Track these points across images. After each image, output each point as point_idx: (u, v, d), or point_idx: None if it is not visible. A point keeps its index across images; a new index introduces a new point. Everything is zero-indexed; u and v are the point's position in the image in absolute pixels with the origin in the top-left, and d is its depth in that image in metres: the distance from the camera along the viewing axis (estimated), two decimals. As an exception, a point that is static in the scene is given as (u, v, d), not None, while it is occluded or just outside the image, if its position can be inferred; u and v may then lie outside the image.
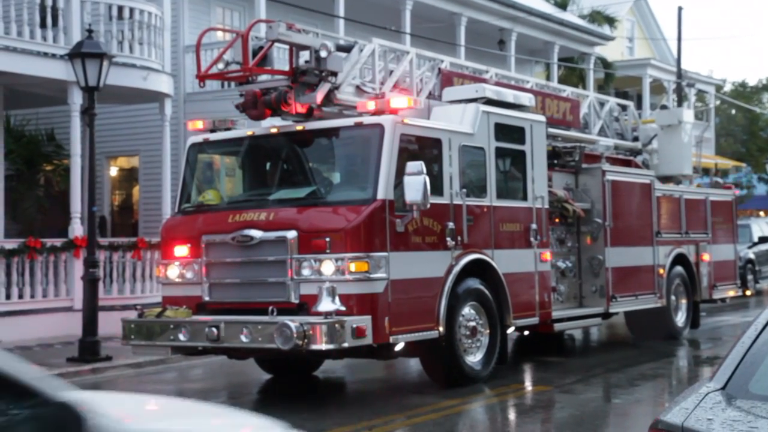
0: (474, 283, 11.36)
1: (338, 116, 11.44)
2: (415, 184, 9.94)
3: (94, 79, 14.24)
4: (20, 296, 16.19)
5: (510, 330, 12.15)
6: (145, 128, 20.95)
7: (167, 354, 12.58)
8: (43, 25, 16.83)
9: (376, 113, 10.70)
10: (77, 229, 16.62)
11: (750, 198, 43.87)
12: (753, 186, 45.65)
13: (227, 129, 11.83)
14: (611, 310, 14.38)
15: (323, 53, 10.89)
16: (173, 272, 11.18)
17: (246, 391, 12.03)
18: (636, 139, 17.69)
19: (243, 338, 9.98)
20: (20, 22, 16.39)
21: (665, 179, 16.92)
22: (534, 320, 12.48)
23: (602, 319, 14.72)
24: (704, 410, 3.71)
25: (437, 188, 10.81)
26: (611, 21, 35.27)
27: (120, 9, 17.86)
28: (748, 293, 24.94)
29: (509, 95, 12.82)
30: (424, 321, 10.58)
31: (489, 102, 12.30)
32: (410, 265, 10.45)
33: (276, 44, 11.39)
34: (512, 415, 10.35)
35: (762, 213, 41.86)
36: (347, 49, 11.78)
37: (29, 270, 16.33)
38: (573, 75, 32.36)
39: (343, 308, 9.66)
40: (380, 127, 10.44)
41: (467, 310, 11.27)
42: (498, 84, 13.58)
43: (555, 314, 12.97)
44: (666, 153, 17.51)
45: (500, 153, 12.22)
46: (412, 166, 10.02)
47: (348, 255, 9.95)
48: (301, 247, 10.18)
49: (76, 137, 17.03)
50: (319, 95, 11.06)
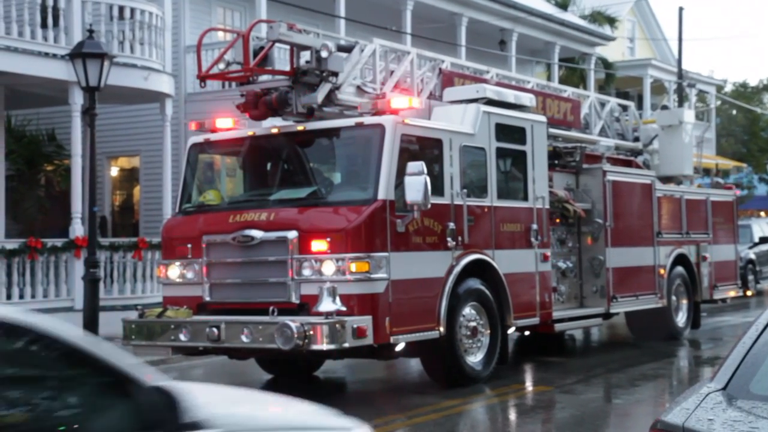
0: (475, 284, 11.36)
1: (339, 116, 11.44)
2: (416, 185, 9.93)
3: (95, 80, 14.25)
4: (21, 296, 16.16)
5: (511, 330, 12.14)
6: (146, 128, 20.94)
7: (168, 354, 12.56)
8: (44, 26, 16.82)
9: (377, 113, 10.70)
10: (78, 229, 16.60)
11: (751, 198, 43.82)
12: (754, 186, 45.59)
13: (228, 129, 11.84)
14: (612, 311, 14.37)
15: (324, 53, 10.89)
16: (174, 272, 11.18)
17: (247, 392, 12.01)
18: (637, 140, 17.68)
19: (244, 338, 9.98)
20: (21, 23, 16.38)
21: (666, 179, 16.91)
22: (535, 320, 12.47)
23: (603, 320, 14.72)
24: (705, 410, 3.71)
25: (438, 188, 10.81)
26: (612, 21, 35.25)
27: (121, 9, 17.84)
28: (749, 293, 24.94)
29: (510, 95, 12.82)
30: (425, 321, 10.57)
31: (490, 102, 12.30)
32: (411, 266, 10.45)
33: (277, 44, 11.39)
34: (513, 416, 10.35)
35: (763, 213, 41.85)
36: (348, 50, 11.77)
37: (30, 270, 16.29)
38: (574, 75, 32.33)
39: (344, 308, 9.67)
40: (381, 128, 10.43)
41: (468, 311, 11.26)
42: (499, 84, 13.58)
43: (556, 314, 12.96)
44: (667, 153, 17.49)
45: (501, 153, 12.22)
46: (413, 167, 10.02)
47: (349, 255, 9.94)
48: (302, 248, 10.18)
49: (77, 137, 17.01)
50: (320, 95, 11.05)
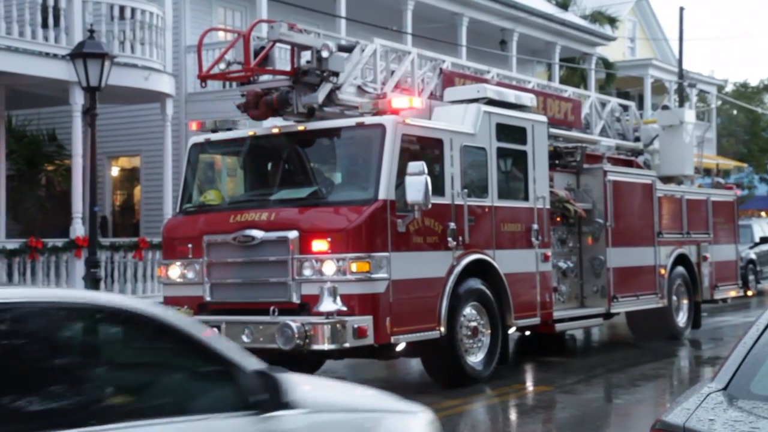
0: (475, 284, 11.35)
1: (340, 116, 11.43)
2: (417, 185, 9.92)
3: (96, 80, 14.26)
4: (21, 296, 16.15)
5: (511, 330, 12.14)
6: (147, 128, 20.94)
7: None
8: (45, 26, 16.82)
9: (378, 113, 10.70)
10: (78, 229, 16.60)
11: (751, 198, 43.79)
12: (754, 186, 45.56)
13: (228, 129, 11.84)
14: (612, 311, 14.36)
15: (325, 53, 10.87)
16: (174, 272, 11.17)
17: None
18: (637, 140, 17.66)
19: (244, 338, 9.98)
20: (22, 23, 16.39)
21: (667, 179, 16.90)
22: (535, 320, 12.47)
23: (603, 320, 14.71)
24: (706, 411, 3.70)
25: (438, 188, 10.81)
26: (613, 21, 35.25)
27: (121, 9, 17.84)
28: (750, 293, 24.91)
29: (511, 95, 12.81)
30: (426, 321, 10.57)
31: (490, 102, 12.29)
32: (411, 266, 10.44)
33: (277, 44, 11.38)
34: (513, 416, 10.35)
35: (763, 213, 41.79)
36: (349, 50, 11.76)
37: (30, 270, 16.28)
38: (574, 75, 32.33)
39: (345, 308, 9.67)
40: (382, 128, 10.43)
41: (468, 311, 11.26)
42: (499, 84, 13.57)
43: (556, 314, 12.96)
44: (667, 153, 17.48)
45: (502, 153, 12.21)
46: (414, 167, 10.01)
47: (349, 255, 9.94)
48: (303, 248, 10.17)
49: (78, 137, 17.01)
50: (321, 95, 11.04)
